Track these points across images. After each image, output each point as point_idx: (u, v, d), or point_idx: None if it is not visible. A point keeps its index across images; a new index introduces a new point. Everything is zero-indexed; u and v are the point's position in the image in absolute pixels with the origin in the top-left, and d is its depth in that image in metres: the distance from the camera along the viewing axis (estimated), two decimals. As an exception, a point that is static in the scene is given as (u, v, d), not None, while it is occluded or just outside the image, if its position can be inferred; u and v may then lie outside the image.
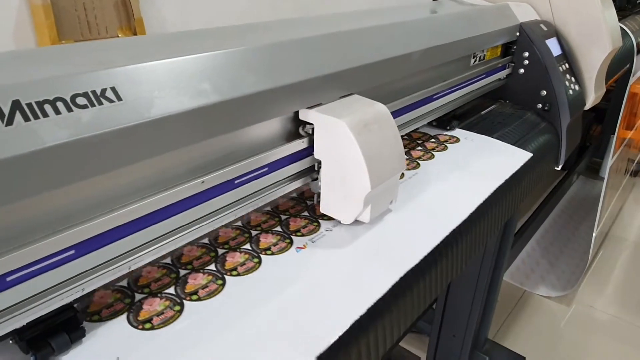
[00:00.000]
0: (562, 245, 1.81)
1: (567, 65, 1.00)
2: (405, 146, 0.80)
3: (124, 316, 0.42)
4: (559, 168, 0.99)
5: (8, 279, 0.33)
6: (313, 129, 0.53)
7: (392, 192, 0.58)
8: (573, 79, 1.00)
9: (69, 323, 0.38)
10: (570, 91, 0.97)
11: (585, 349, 1.38)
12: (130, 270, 0.41)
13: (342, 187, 0.53)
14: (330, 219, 0.57)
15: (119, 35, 1.22)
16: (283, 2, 1.85)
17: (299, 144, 0.54)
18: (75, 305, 0.39)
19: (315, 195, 0.59)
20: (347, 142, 0.50)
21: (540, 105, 0.98)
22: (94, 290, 0.44)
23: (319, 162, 0.55)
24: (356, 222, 0.56)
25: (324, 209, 0.56)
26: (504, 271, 1.13)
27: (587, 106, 1.06)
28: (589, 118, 1.99)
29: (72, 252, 0.36)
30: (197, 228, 0.45)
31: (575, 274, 1.64)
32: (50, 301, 0.36)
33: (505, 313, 1.50)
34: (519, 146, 0.83)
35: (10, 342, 0.37)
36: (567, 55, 1.02)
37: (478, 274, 1.10)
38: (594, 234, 1.50)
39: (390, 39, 0.65)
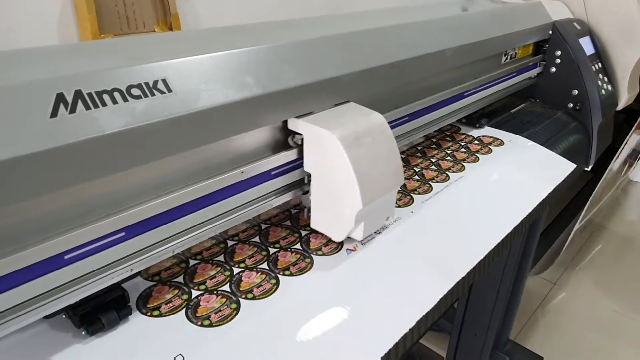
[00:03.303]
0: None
1: (600, 64, 0.99)
2: (448, 147, 0.79)
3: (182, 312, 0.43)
4: (589, 169, 0.98)
5: (66, 257, 0.36)
6: (302, 140, 0.50)
7: (388, 208, 0.54)
8: (606, 78, 0.99)
9: (118, 301, 0.40)
10: (603, 91, 0.96)
11: (608, 354, 1.36)
12: (175, 253, 0.43)
13: (332, 203, 0.49)
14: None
15: (156, 29, 1.25)
16: (314, -1, 1.86)
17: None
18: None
19: (306, 210, 0.55)
20: (337, 155, 0.46)
21: (571, 105, 0.97)
22: (153, 286, 0.46)
23: (309, 175, 0.51)
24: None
25: (314, 224, 0.53)
26: (528, 272, 1.12)
27: (620, 106, 1.04)
28: (620, 119, 1.94)
29: (123, 234, 0.39)
30: (237, 216, 0.47)
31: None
32: (102, 280, 0.38)
33: (528, 314, 1.49)
34: (547, 146, 0.82)
35: (64, 316, 0.39)
36: (600, 54, 1.01)
37: (502, 274, 1.09)
38: (575, 226, 1.45)
39: (417, 37, 0.66)
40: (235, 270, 0.49)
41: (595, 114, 0.94)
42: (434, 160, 0.75)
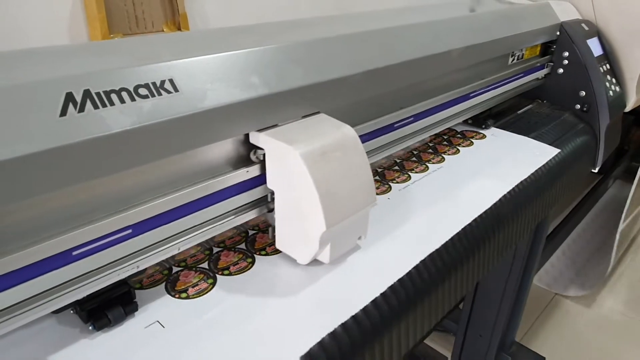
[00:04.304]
0: (595, 250, 1.76)
1: (608, 65, 0.98)
2: (431, 141, 0.81)
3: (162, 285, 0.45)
4: (596, 171, 0.98)
5: (74, 253, 0.36)
6: (264, 155, 0.46)
7: (360, 227, 0.50)
8: (614, 80, 0.98)
9: (124, 297, 0.41)
10: (611, 92, 0.95)
11: (615, 357, 1.35)
12: (180, 251, 0.43)
13: (296, 223, 0.46)
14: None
15: (164, 29, 1.26)
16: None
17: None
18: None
19: (270, 229, 0.52)
20: (299, 173, 0.43)
21: (578, 106, 0.97)
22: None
23: (273, 193, 0.48)
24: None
25: (279, 244, 0.50)
26: (534, 274, 1.12)
27: (628, 108, 1.04)
28: (629, 121, 1.93)
29: (130, 231, 0.39)
30: (245, 213, 0.47)
31: (599, 274, 1.59)
32: (108, 276, 0.39)
33: (534, 316, 1.48)
34: (555, 147, 0.82)
35: (72, 312, 0.40)
36: (608, 55, 1.00)
37: (508, 276, 1.09)
38: (618, 231, 1.45)
39: (422, 38, 0.66)
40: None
41: (602, 116, 0.94)
42: (415, 153, 0.77)
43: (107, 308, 0.40)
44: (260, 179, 0.48)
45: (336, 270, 0.49)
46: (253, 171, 0.47)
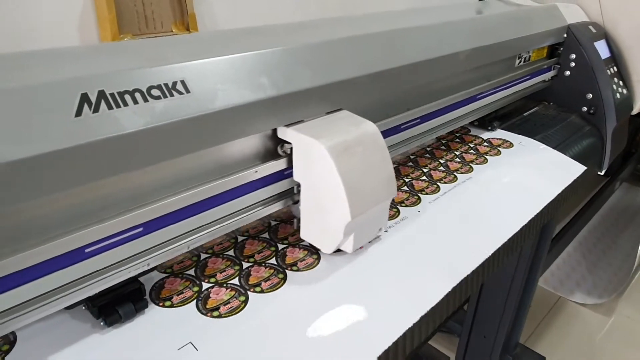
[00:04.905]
0: (601, 253, 1.76)
1: (615, 68, 0.98)
2: (457, 149, 0.80)
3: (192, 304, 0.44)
4: (602, 173, 0.97)
5: (87, 250, 0.37)
6: (292, 149, 0.49)
7: (381, 219, 0.53)
8: (621, 82, 0.98)
9: (135, 294, 0.42)
10: (618, 95, 0.95)
11: (621, 360, 1.35)
12: (189, 249, 0.44)
13: (321, 214, 0.48)
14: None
15: (173, 29, 1.28)
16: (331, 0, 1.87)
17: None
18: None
19: (295, 220, 0.55)
20: (325, 166, 0.45)
21: (585, 109, 0.97)
22: (165, 278, 0.47)
23: (299, 185, 0.50)
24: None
25: (304, 235, 0.52)
26: (539, 275, 1.12)
27: (635, 110, 1.04)
28: (636, 124, 1.92)
29: (141, 229, 0.40)
30: (252, 213, 0.48)
31: (612, 283, 1.59)
32: (120, 273, 0.40)
33: (539, 318, 1.48)
34: (560, 149, 0.82)
35: (84, 308, 0.41)
36: (615, 58, 1.00)
37: (512, 277, 1.09)
38: None
39: (429, 40, 0.66)
40: (245, 264, 0.50)
41: (609, 118, 0.94)
42: (442, 162, 0.75)
43: (118, 304, 0.41)
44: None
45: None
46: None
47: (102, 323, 0.40)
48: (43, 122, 0.31)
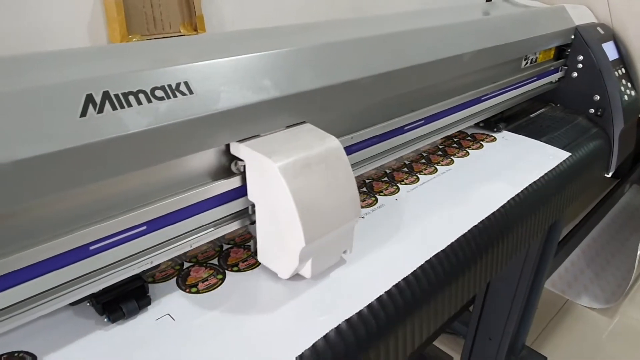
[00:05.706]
0: (609, 256, 1.74)
1: (623, 70, 0.97)
2: (441, 144, 0.81)
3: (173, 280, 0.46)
4: (609, 175, 0.97)
5: (91, 247, 0.38)
6: (244, 167, 0.45)
7: (345, 242, 0.48)
8: (629, 84, 0.97)
9: (138, 291, 0.42)
10: (626, 97, 0.94)
11: (628, 364, 1.34)
12: (192, 247, 0.45)
13: (276, 237, 0.45)
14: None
15: (181, 30, 1.29)
16: (340, 1, 1.87)
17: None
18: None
19: (252, 241, 0.51)
20: (278, 187, 0.41)
21: (592, 110, 0.96)
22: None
23: (253, 205, 0.47)
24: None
25: (260, 258, 0.48)
26: (545, 278, 1.11)
27: (644, 113, 1.03)
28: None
29: (144, 227, 0.41)
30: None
31: (621, 287, 1.58)
32: (123, 271, 0.40)
33: (546, 320, 1.47)
34: (567, 151, 0.82)
35: (88, 304, 0.42)
36: (624, 59, 0.99)
37: (518, 279, 1.09)
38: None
39: (436, 41, 0.66)
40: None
41: (617, 120, 0.93)
42: (425, 155, 0.78)
43: (121, 301, 0.41)
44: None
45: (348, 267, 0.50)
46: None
47: (105, 320, 0.41)
48: (49, 122, 0.32)
